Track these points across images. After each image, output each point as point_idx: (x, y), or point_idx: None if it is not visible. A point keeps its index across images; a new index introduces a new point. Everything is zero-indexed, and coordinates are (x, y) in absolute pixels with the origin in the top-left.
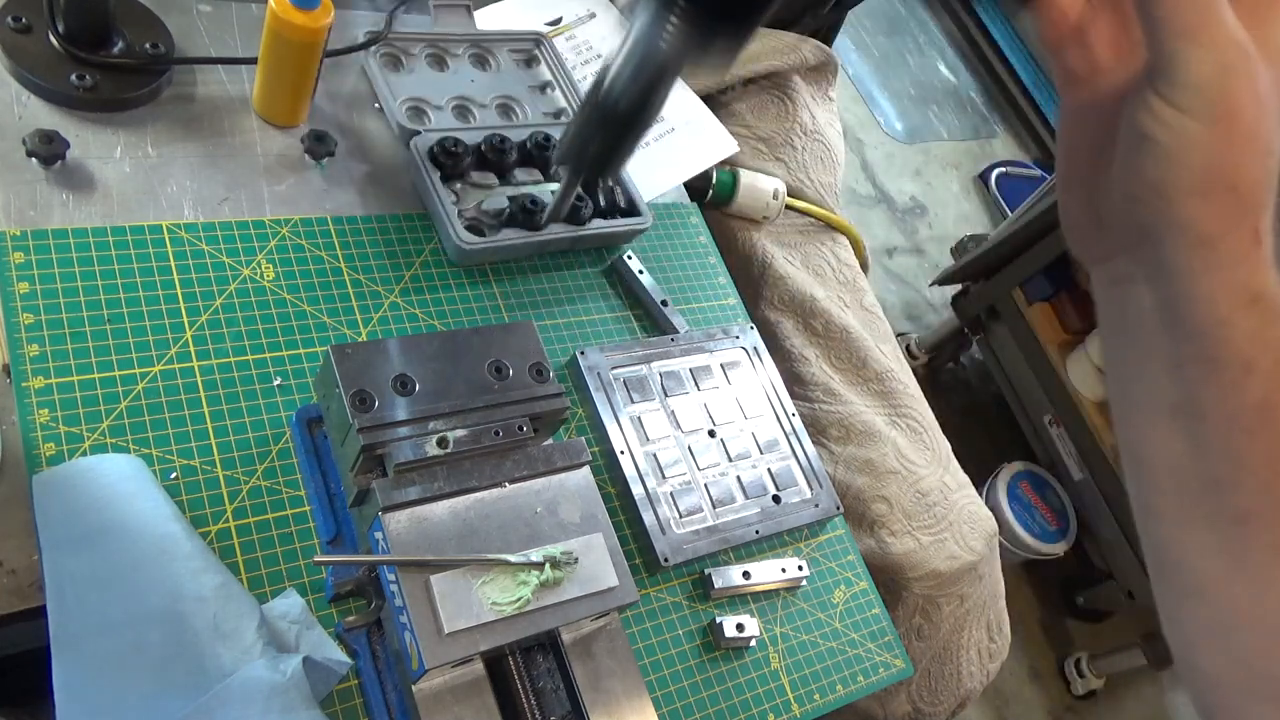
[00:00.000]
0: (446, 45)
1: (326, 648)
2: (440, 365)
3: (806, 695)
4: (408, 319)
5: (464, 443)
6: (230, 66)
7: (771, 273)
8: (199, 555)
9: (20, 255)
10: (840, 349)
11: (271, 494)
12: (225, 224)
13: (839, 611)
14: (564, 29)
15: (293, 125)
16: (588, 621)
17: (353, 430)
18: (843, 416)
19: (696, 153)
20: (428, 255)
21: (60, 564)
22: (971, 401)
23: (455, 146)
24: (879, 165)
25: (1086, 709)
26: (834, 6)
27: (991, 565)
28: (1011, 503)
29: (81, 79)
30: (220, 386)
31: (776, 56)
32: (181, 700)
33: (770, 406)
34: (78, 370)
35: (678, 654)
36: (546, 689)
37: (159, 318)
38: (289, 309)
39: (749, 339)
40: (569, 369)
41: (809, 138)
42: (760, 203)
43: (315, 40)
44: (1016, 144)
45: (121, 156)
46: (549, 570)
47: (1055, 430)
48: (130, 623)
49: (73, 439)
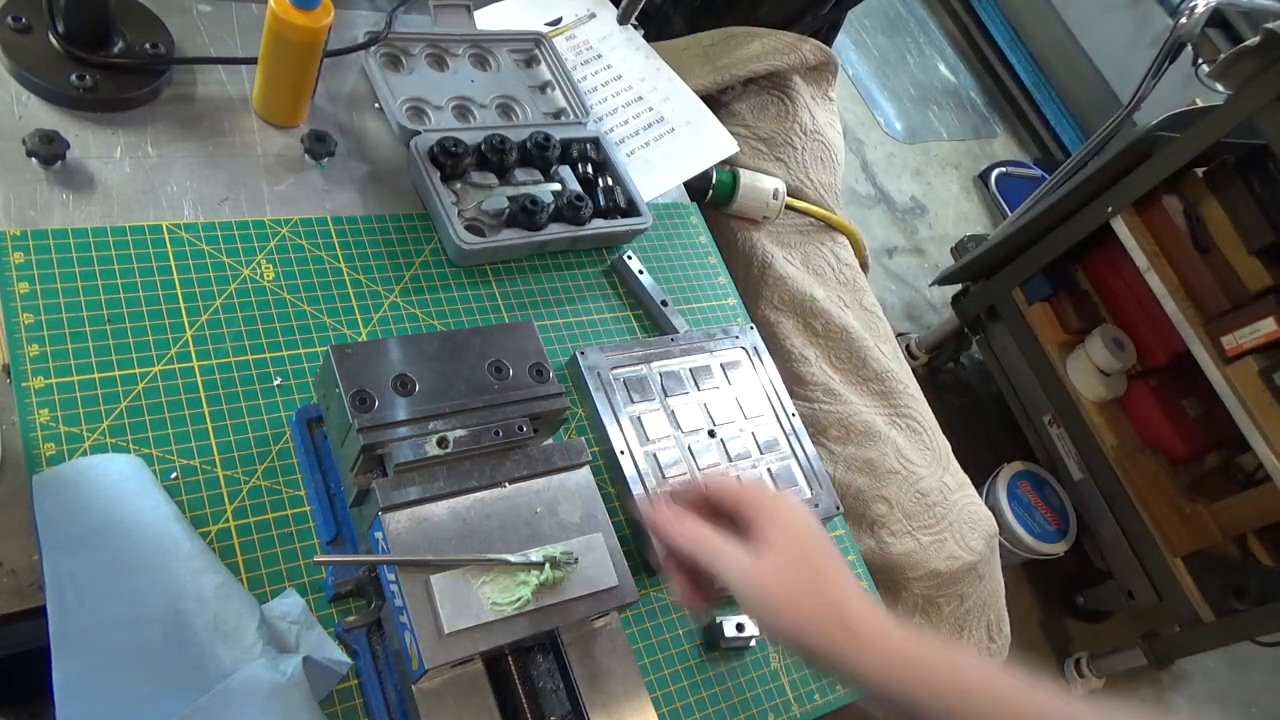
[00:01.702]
0: (446, 45)
1: (326, 648)
2: (440, 365)
3: (806, 695)
4: (408, 319)
5: (464, 443)
6: (230, 66)
7: (771, 273)
8: (199, 555)
9: (20, 255)
10: (840, 349)
11: (271, 494)
12: (225, 224)
13: None
14: (564, 29)
15: (293, 125)
16: (588, 621)
17: (353, 430)
18: (843, 416)
19: (696, 153)
20: (428, 255)
21: (60, 564)
22: (971, 401)
23: (455, 146)
24: (879, 165)
25: None
26: (834, 6)
27: (991, 565)
28: (1011, 503)
29: (81, 79)
30: (220, 386)
31: (776, 56)
32: (181, 700)
33: (770, 406)
34: (78, 370)
35: (678, 654)
36: (546, 689)
37: (159, 318)
38: (289, 309)
39: (749, 339)
40: (569, 369)
41: (809, 138)
42: (760, 203)
43: (315, 40)
44: (1016, 144)
45: (121, 156)
46: (549, 570)
47: (1055, 430)
48: (130, 623)
49: (73, 439)
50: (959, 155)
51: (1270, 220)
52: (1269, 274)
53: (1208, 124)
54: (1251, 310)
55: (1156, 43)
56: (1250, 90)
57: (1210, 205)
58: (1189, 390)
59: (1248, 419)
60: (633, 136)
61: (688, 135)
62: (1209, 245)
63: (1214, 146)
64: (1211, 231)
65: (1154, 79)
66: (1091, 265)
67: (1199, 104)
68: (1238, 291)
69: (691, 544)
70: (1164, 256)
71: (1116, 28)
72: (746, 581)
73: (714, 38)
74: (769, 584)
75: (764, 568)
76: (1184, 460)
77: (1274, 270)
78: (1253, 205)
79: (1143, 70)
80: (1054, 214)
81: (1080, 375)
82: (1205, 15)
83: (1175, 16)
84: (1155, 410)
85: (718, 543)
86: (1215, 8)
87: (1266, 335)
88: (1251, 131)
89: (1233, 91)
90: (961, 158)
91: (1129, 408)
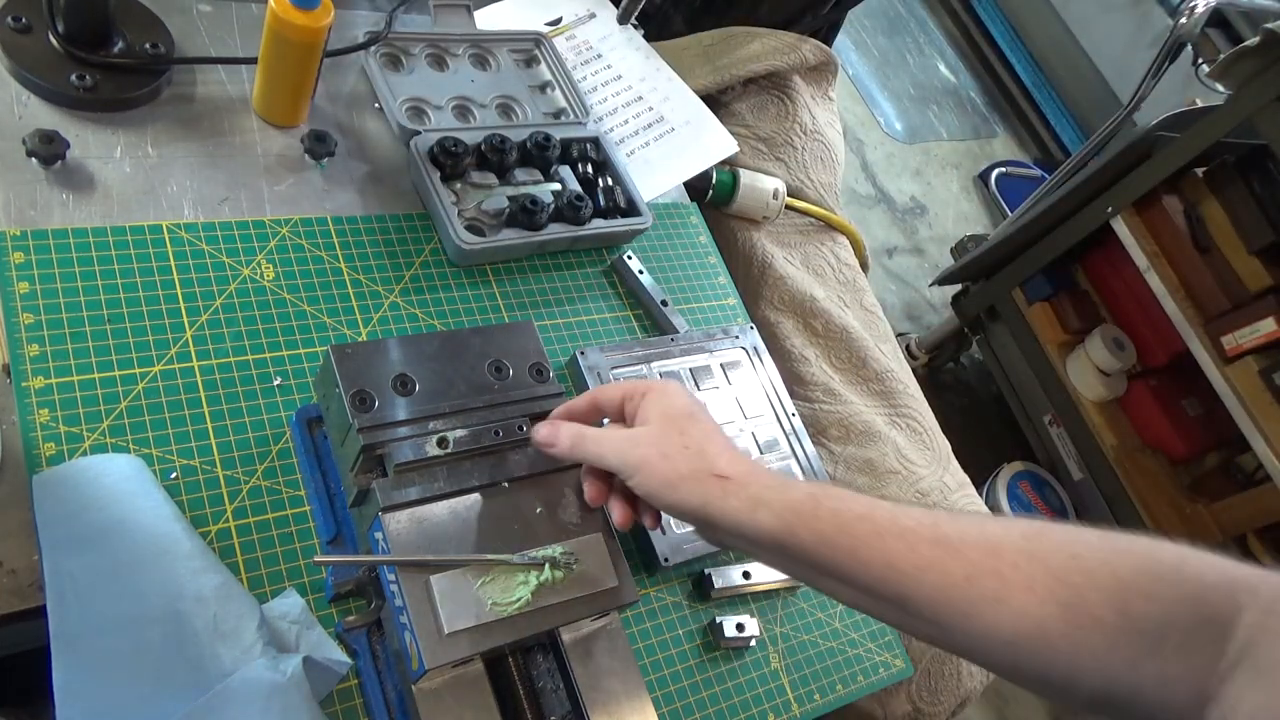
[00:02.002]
0: (446, 45)
1: (326, 648)
2: (440, 365)
3: (806, 695)
4: (408, 319)
5: (464, 443)
6: (230, 66)
7: (771, 273)
8: (199, 555)
9: (20, 255)
10: (840, 349)
11: (271, 494)
12: (225, 224)
13: (839, 611)
14: (564, 29)
15: (293, 125)
16: (588, 621)
17: (353, 430)
18: (843, 416)
19: (696, 153)
20: (428, 255)
21: (60, 564)
22: (971, 401)
23: (455, 146)
24: (879, 165)
25: None
26: (834, 6)
27: None
28: (1011, 503)
29: (81, 79)
30: (220, 386)
31: (776, 56)
32: (181, 700)
33: (770, 406)
34: (78, 370)
35: (678, 654)
36: (546, 689)
37: (159, 318)
38: (289, 309)
39: (749, 339)
40: (569, 369)
41: (809, 138)
42: (760, 203)
43: (315, 40)
44: (1016, 144)
45: (121, 156)
46: (549, 570)
47: (1055, 430)
48: (130, 623)
49: (73, 439)
50: (959, 155)
51: (1270, 220)
52: (1269, 274)
53: (1208, 124)
54: (1251, 310)
55: (1156, 43)
56: (1250, 90)
57: (1210, 205)
58: (1189, 390)
59: (1248, 419)
60: (633, 136)
61: (688, 135)
62: (1209, 245)
63: (1214, 146)
64: (1211, 231)
65: (1154, 79)
66: (1091, 265)
67: (1199, 104)
68: (1238, 291)
69: (574, 442)
70: (1164, 256)
71: (1116, 28)
72: (625, 454)
73: (714, 38)
74: (644, 450)
75: (638, 437)
76: (1184, 460)
77: (1274, 270)
78: (1253, 205)
79: (1143, 70)
80: (1054, 214)
81: (1080, 375)
82: (1205, 15)
83: (1175, 16)
84: (1155, 410)
85: (595, 433)
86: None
87: (1266, 335)
88: (1251, 131)
89: (1233, 91)
90: (961, 158)
91: (1129, 408)
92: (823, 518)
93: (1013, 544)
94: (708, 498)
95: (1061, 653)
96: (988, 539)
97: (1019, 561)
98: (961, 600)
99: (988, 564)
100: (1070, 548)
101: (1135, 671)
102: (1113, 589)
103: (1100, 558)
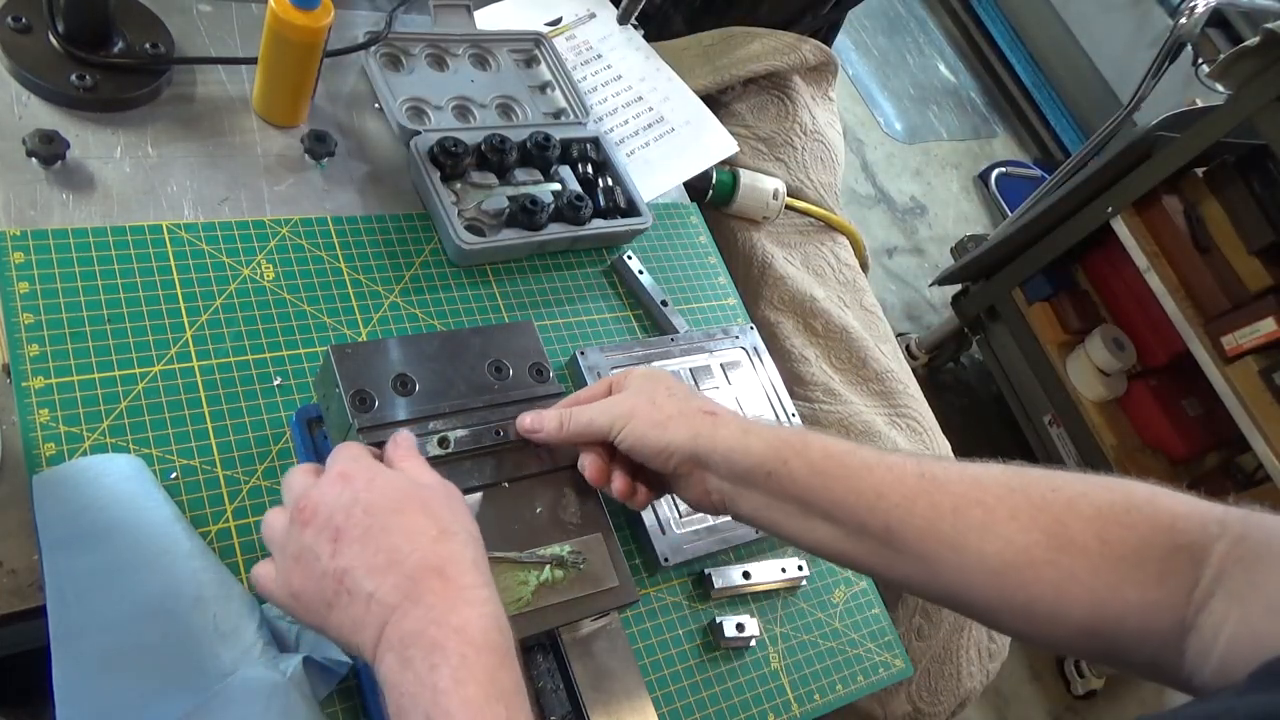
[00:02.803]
0: (446, 45)
1: (326, 648)
2: (440, 365)
3: (806, 695)
4: (408, 319)
5: (464, 443)
6: (230, 66)
7: (771, 273)
8: (199, 555)
9: (20, 255)
10: (840, 349)
11: (271, 494)
12: (225, 224)
13: (839, 611)
14: (564, 29)
15: (293, 125)
16: (588, 621)
17: (353, 430)
18: (843, 416)
19: (696, 153)
20: (428, 255)
21: (60, 564)
22: (971, 401)
23: (455, 146)
24: (879, 165)
25: (1086, 709)
26: (834, 6)
27: None
28: None
29: (81, 79)
30: (220, 386)
31: (776, 56)
32: (181, 700)
33: (770, 406)
34: (78, 370)
35: (678, 654)
36: (546, 689)
37: (159, 318)
38: (289, 309)
39: (749, 339)
40: (569, 369)
41: (809, 138)
42: (760, 203)
43: (315, 40)
44: (1016, 144)
45: (121, 156)
46: (549, 570)
47: (1055, 430)
48: (130, 623)
49: (73, 439)
50: (959, 155)
51: (1270, 220)
52: (1269, 274)
53: (1208, 124)
54: (1251, 310)
55: (1156, 43)
56: (1250, 90)
57: (1210, 205)
58: (1189, 390)
59: (1248, 419)
60: (633, 136)
61: (688, 135)
62: (1209, 245)
63: (1214, 146)
64: (1211, 231)
65: (1154, 79)
66: (1091, 265)
67: (1199, 104)
68: (1238, 291)
69: (560, 419)
70: (1164, 256)
71: (1116, 28)
72: (611, 408)
73: (714, 38)
74: (631, 400)
75: (624, 399)
76: (1184, 460)
77: (1274, 270)
78: (1253, 205)
79: (1143, 70)
80: (1054, 214)
81: (1080, 375)
82: (1205, 15)
83: (1175, 16)
84: (1155, 410)
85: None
86: (1215, 8)
87: (1266, 335)
88: (1251, 131)
89: (1233, 91)
90: (961, 158)
91: (1129, 408)
92: (813, 448)
93: (994, 478)
94: (698, 430)
95: (1047, 580)
96: (970, 474)
97: (1002, 494)
98: (949, 530)
99: (972, 495)
100: (1049, 481)
101: (1118, 596)
102: (1092, 517)
103: (1078, 489)
